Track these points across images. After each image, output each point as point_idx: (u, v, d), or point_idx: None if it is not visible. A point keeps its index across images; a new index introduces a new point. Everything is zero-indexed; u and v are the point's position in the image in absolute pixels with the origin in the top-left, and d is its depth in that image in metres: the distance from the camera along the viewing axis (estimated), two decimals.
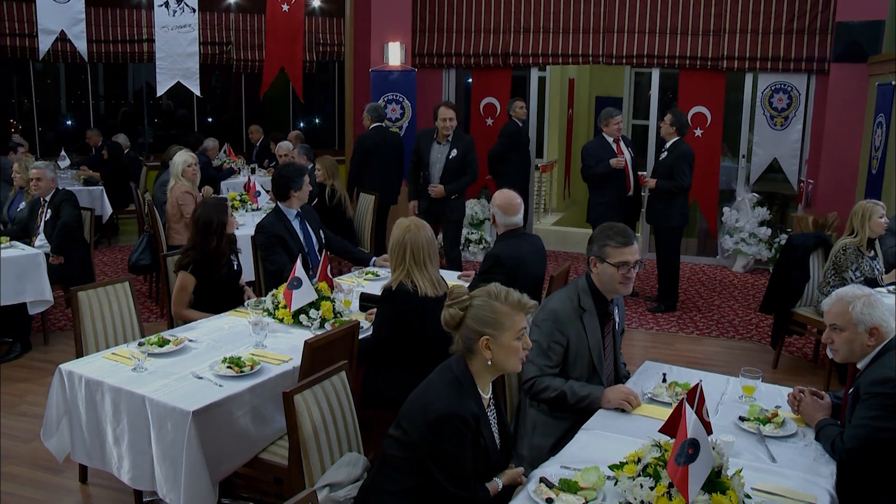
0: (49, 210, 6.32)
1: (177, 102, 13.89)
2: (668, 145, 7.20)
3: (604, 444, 2.84)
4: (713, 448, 2.37)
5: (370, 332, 3.97)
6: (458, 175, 7.20)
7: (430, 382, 2.62)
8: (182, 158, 6.96)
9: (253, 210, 7.97)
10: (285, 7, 9.63)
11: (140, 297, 6.91)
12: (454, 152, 7.14)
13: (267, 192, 8.14)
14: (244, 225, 6.92)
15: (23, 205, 6.70)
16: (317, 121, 15.65)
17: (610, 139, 7.36)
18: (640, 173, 7.51)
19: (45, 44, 8.41)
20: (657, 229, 7.40)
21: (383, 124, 8.35)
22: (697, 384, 2.48)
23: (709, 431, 2.47)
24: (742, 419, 3.07)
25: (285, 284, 4.28)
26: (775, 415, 3.06)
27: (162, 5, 8.75)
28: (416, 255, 3.72)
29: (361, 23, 9.78)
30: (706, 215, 9.39)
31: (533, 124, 9.73)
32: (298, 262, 4.27)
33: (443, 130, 7.15)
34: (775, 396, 3.35)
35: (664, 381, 3.46)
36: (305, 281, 4.23)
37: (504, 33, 9.58)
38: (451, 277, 5.36)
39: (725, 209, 9.13)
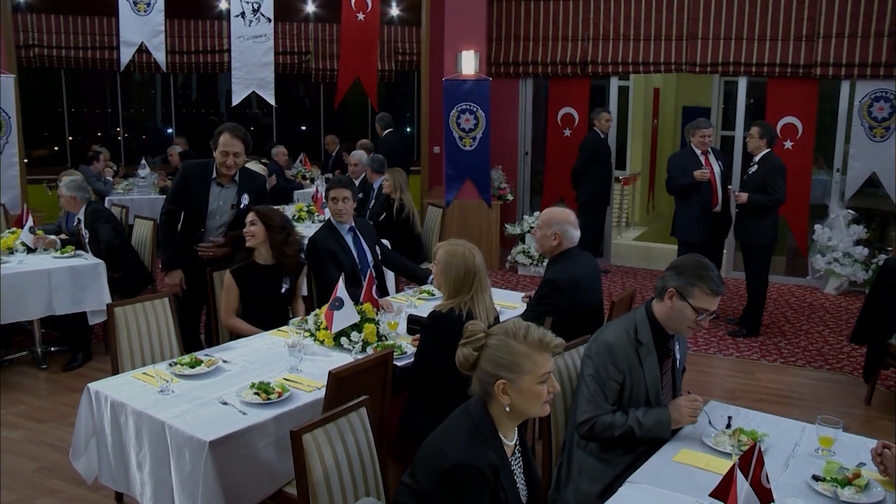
0: (87, 231, 6.31)
1: (264, 112, 14.03)
2: (757, 158, 6.75)
3: (650, 500, 2.52)
4: None
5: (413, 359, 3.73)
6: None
7: (447, 426, 2.34)
8: (260, 170, 6.86)
9: (320, 222, 7.85)
10: (360, 16, 9.54)
11: None
12: (244, 199, 5.04)
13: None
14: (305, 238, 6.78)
15: (77, 217, 6.74)
16: (397, 133, 15.55)
17: (698, 151, 6.97)
18: (728, 187, 7.10)
19: (125, 55, 8.54)
20: (745, 246, 6.94)
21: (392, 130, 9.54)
22: (754, 445, 2.15)
23: (768, 500, 2.13)
24: (816, 479, 2.64)
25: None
26: (857, 475, 2.62)
27: (238, 16, 8.77)
28: (483, 282, 3.50)
29: (437, 31, 9.60)
30: (795, 232, 8.80)
31: (614, 135, 9.34)
32: (341, 282, 4.07)
33: (223, 168, 4.92)
34: (859, 451, 2.88)
35: (728, 426, 3.09)
36: (347, 301, 4.02)
37: (582, 41, 9.25)
38: (515, 298, 5.07)
39: (817, 226, 8.53)
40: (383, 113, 10.10)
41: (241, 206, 4.99)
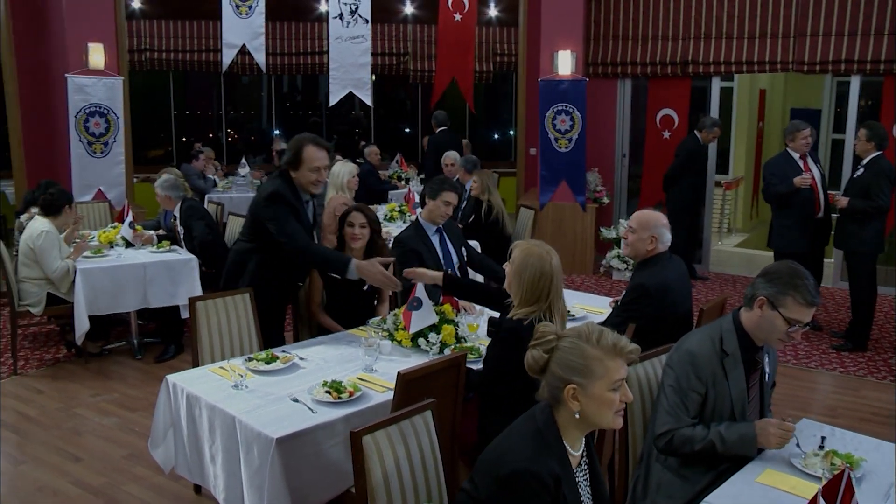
0: (182, 227, 6.48)
1: (365, 114, 14.21)
2: (864, 161, 6.37)
3: None
4: None
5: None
6: None
7: (510, 431, 2.24)
8: (347, 169, 6.85)
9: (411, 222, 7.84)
10: (457, 16, 9.53)
11: None
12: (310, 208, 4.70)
13: None
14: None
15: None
16: (496, 135, 15.50)
17: (796, 155, 6.63)
18: (830, 192, 6.71)
19: (227, 57, 8.80)
20: (848, 255, 6.56)
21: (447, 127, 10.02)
22: (843, 471, 1.96)
23: None
24: None
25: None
26: None
27: (336, 17, 8.90)
28: (559, 288, 3.29)
29: (534, 31, 9.46)
30: None
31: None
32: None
33: (311, 187, 4.43)
34: None
35: (821, 447, 2.86)
36: (426, 301, 3.97)
37: (683, 40, 8.92)
38: (603, 303, 4.90)
39: None
40: (439, 111, 10.37)
41: (316, 219, 4.77)
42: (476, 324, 4.22)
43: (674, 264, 4.09)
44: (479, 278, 6.13)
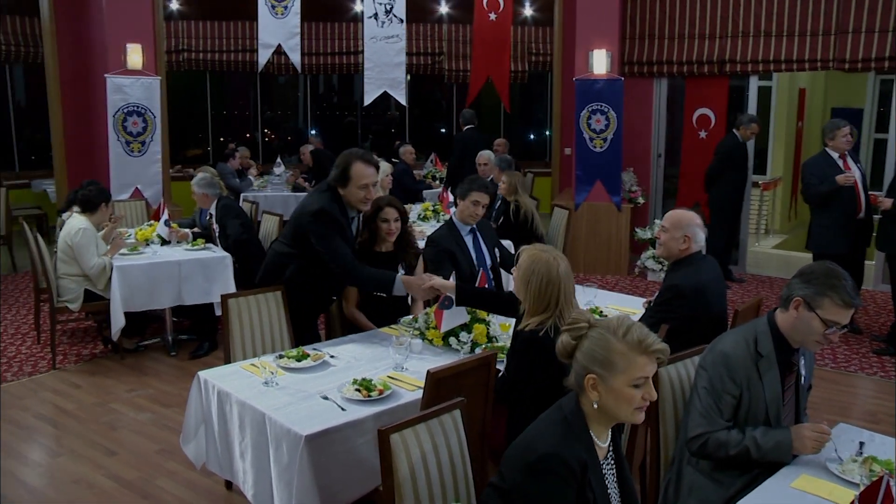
0: (218, 225, 6.53)
1: (401, 112, 14.25)
2: None
3: None
4: None
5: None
6: None
7: (538, 422, 2.23)
8: (384, 168, 6.89)
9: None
10: (493, 16, 9.50)
11: None
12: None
13: None
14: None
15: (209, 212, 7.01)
16: (531, 135, 15.44)
17: (835, 154, 6.50)
18: (871, 193, 6.57)
19: (263, 57, 8.89)
20: (890, 257, 6.41)
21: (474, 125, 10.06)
22: (882, 478, 1.91)
23: None
24: None
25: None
26: None
27: (371, 17, 8.94)
28: (569, 295, 3.20)
29: (570, 31, 9.40)
30: None
31: (753, 138, 8.84)
32: (451, 280, 4.00)
33: (361, 205, 4.31)
34: None
35: (860, 453, 2.79)
36: None
37: (720, 38, 8.78)
38: (637, 304, 4.84)
39: None
40: (466, 109, 10.39)
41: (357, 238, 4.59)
42: (508, 324, 4.19)
43: (708, 265, 4.02)
44: (510, 279, 6.11)
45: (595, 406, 2.17)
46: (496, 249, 5.34)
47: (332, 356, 3.75)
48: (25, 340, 6.48)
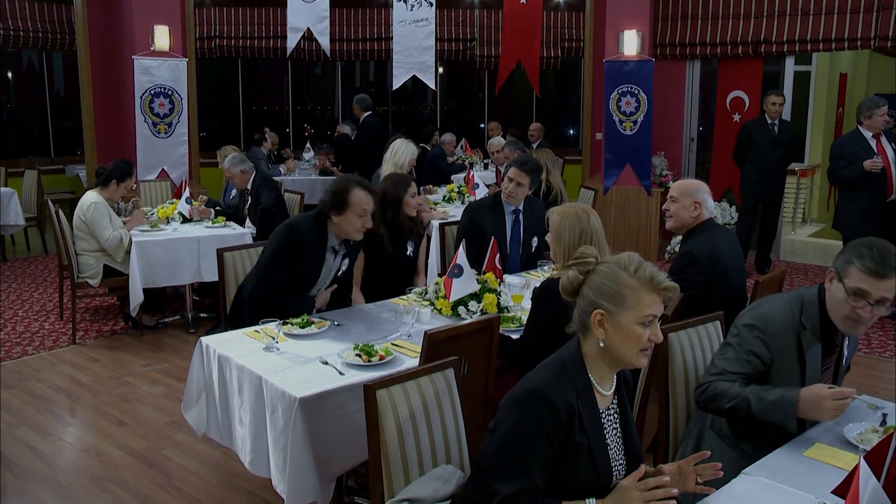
0: (250, 197, 6.53)
1: (432, 99, 14.16)
2: None
3: (762, 496, 2.18)
4: None
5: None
6: None
7: (538, 366, 2.16)
8: (409, 150, 6.69)
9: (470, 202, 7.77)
10: (523, 0, 9.37)
11: None
12: (345, 264, 4.15)
13: (487, 186, 7.96)
14: (454, 216, 6.71)
15: (234, 192, 7.00)
16: (564, 123, 15.25)
17: (868, 134, 6.26)
18: None
19: (292, 41, 8.86)
20: None
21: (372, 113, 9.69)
22: (890, 436, 1.77)
23: None
24: None
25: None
26: None
27: (401, 0, 8.85)
28: (602, 246, 3.19)
29: (601, 14, 9.23)
30: None
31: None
32: (461, 249, 3.90)
33: (356, 235, 3.93)
34: None
35: (883, 423, 2.62)
36: (467, 269, 3.86)
37: (755, 18, 8.52)
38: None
39: None
40: (362, 95, 10.07)
41: (341, 273, 4.14)
42: (521, 294, 4.09)
43: (723, 234, 3.91)
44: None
45: (601, 345, 2.08)
46: (535, 239, 5.13)
47: (337, 324, 3.68)
48: (49, 317, 6.52)
